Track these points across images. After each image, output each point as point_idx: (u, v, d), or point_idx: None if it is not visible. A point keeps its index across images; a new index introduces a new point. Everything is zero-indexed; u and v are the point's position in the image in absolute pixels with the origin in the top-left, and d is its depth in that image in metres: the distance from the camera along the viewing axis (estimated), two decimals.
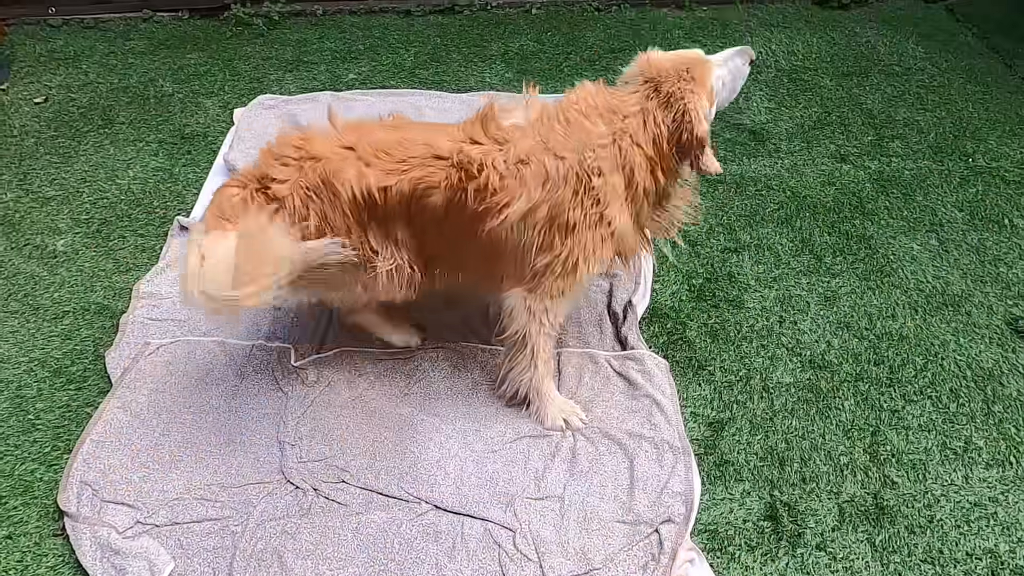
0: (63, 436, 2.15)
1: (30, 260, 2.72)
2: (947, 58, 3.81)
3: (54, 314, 2.52)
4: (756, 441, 2.12)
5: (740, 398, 2.24)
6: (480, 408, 2.21)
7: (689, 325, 2.45)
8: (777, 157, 3.18)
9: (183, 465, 2.06)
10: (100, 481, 2.00)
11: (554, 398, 2.16)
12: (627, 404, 2.19)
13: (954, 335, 2.42)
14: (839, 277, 2.62)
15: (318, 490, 2.00)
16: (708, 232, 2.80)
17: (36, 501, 2.00)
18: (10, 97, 3.58)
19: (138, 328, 2.44)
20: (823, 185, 3.03)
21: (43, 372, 2.33)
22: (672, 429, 2.11)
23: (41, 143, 3.29)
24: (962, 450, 2.10)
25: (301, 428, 2.15)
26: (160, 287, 2.57)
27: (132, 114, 3.48)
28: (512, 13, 4.28)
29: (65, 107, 3.52)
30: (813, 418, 2.18)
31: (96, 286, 2.62)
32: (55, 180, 3.10)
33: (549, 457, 2.07)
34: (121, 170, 3.14)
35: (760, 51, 3.88)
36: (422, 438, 2.12)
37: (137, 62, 3.85)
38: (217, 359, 2.34)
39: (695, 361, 2.34)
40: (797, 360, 2.34)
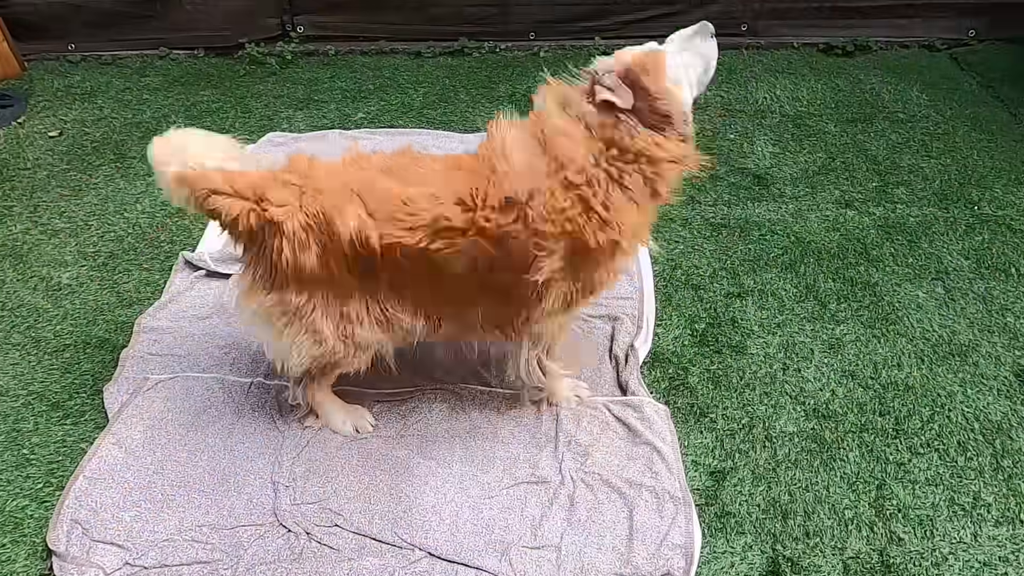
0: (56, 472, 2.13)
1: (35, 292, 2.74)
2: (951, 106, 3.83)
3: (55, 347, 2.52)
4: (758, 492, 2.08)
5: (742, 447, 2.20)
6: (477, 452, 2.18)
7: (691, 371, 2.43)
8: (781, 202, 3.18)
9: (175, 504, 2.03)
10: (91, 520, 1.98)
11: (563, 380, 2.24)
12: (627, 451, 2.16)
13: (961, 386, 2.38)
14: (844, 324, 2.60)
15: (311, 534, 1.97)
16: (711, 276, 2.79)
17: (25, 539, 1.97)
18: (26, 130, 3.65)
19: (138, 363, 2.44)
20: (827, 231, 3.02)
21: (41, 406, 2.32)
22: (673, 478, 2.07)
23: (53, 176, 3.35)
24: (971, 506, 2.04)
25: (296, 469, 2.12)
26: (162, 322, 2.58)
27: (144, 149, 3.51)
28: (520, 56, 4.36)
29: (79, 141, 3.58)
30: (817, 469, 2.14)
31: (99, 320, 2.63)
32: (64, 213, 3.13)
33: (547, 504, 2.03)
34: (130, 204, 3.18)
35: (765, 96, 3.93)
36: (418, 482, 2.09)
37: (151, 98, 3.93)
38: (215, 396, 2.33)
39: (697, 408, 2.31)
40: (801, 409, 2.31)
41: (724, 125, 3.70)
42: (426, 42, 4.40)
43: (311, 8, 4.32)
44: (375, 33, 4.40)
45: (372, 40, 4.42)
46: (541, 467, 2.13)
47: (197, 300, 2.67)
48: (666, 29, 4.82)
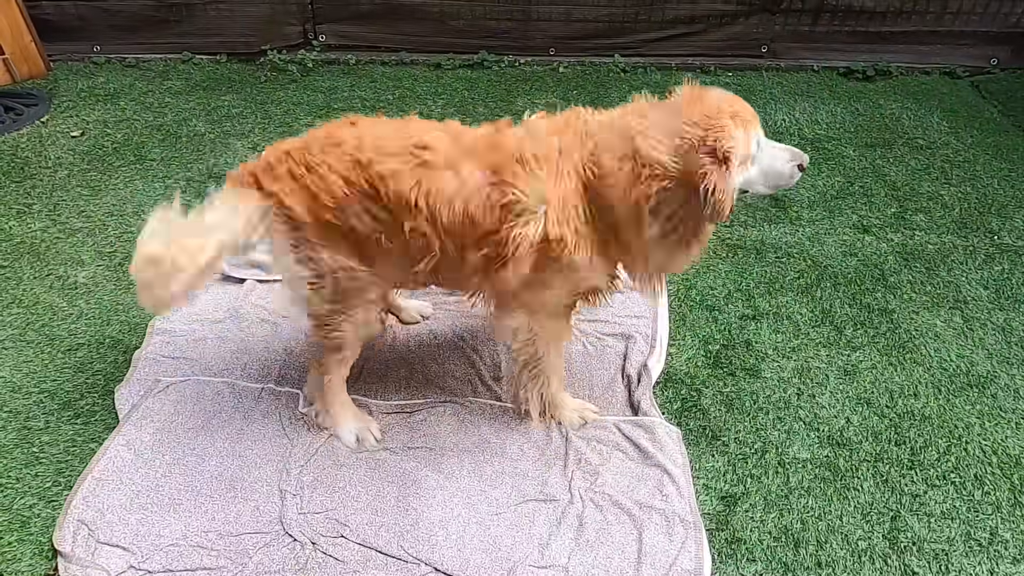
0: (65, 472, 2.13)
1: (51, 291, 2.76)
2: (972, 133, 3.81)
3: (69, 346, 2.53)
4: (770, 519, 2.05)
5: (755, 472, 2.17)
6: (486, 466, 2.16)
7: (704, 392, 2.40)
8: (798, 225, 3.16)
9: (182, 509, 2.03)
10: (97, 521, 1.97)
11: (568, 402, 2.25)
12: (637, 472, 2.13)
13: (979, 418, 2.34)
14: (859, 351, 2.56)
15: (316, 544, 1.95)
16: (726, 298, 2.77)
17: (31, 538, 1.97)
18: (48, 130, 3.69)
19: (150, 364, 2.44)
20: (844, 255, 3.00)
21: (52, 404, 2.33)
22: (684, 501, 2.04)
23: (73, 176, 3.37)
24: (987, 542, 2.00)
25: (303, 477, 2.11)
26: (176, 324, 2.58)
27: (164, 151, 3.57)
28: (540, 71, 4.37)
29: (100, 142, 3.62)
30: (831, 498, 2.10)
31: (113, 320, 2.64)
32: (83, 212, 3.16)
33: (555, 524, 2.01)
34: (148, 205, 3.20)
35: (784, 119, 3.92)
36: (425, 495, 2.07)
37: (173, 101, 3.97)
38: (225, 400, 2.33)
39: (709, 431, 2.28)
40: (815, 435, 2.28)
41: None
42: (446, 54, 4.43)
43: (334, 17, 4.36)
44: (396, 44, 4.43)
45: (393, 51, 4.45)
46: (550, 485, 2.11)
47: (211, 304, 2.68)
48: (686, 49, 4.84)
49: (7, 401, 2.33)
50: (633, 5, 4.27)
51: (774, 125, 3.86)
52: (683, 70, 4.39)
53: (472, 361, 2.49)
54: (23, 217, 3.12)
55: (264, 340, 2.54)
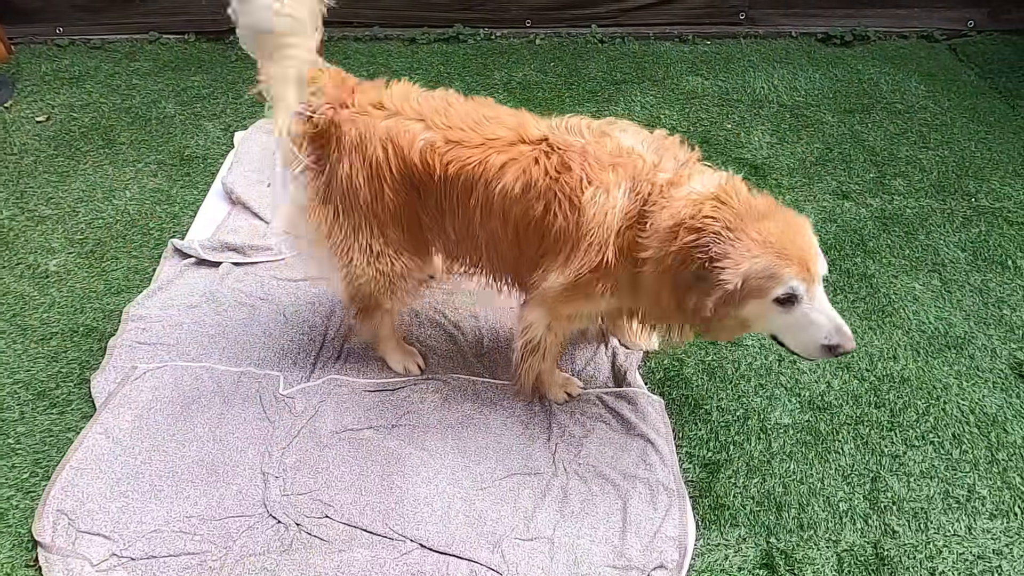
0: (42, 462, 2.10)
1: (21, 280, 2.70)
2: (950, 97, 3.81)
3: (42, 335, 2.48)
4: (753, 484, 2.06)
5: (737, 439, 2.18)
6: (470, 442, 2.16)
7: (686, 362, 2.41)
8: (778, 192, 3.15)
9: (163, 495, 2.01)
10: (77, 510, 1.95)
11: (555, 378, 2.24)
12: (621, 442, 2.14)
13: (957, 378, 2.37)
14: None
15: (300, 525, 1.95)
16: None
17: (10, 530, 1.94)
18: (12, 115, 3.59)
19: (126, 351, 2.40)
20: (824, 222, 3.00)
21: (26, 395, 2.29)
22: (667, 470, 2.05)
23: (40, 162, 3.29)
24: (965, 499, 2.03)
25: (286, 459, 2.10)
26: (151, 310, 2.54)
27: (133, 135, 3.48)
28: (516, 43, 4.30)
29: (67, 126, 3.52)
30: (812, 462, 2.12)
31: (86, 308, 2.59)
32: (52, 199, 3.08)
33: (539, 496, 2.01)
34: (119, 191, 3.13)
35: (762, 86, 3.89)
36: (410, 473, 2.07)
37: (141, 83, 3.87)
38: (204, 385, 2.30)
39: (691, 400, 2.29)
40: (796, 401, 2.29)
41: (721, 115, 3.67)
42: (420, 28, 4.34)
43: None
44: (369, 19, 4.33)
45: (366, 26, 4.35)
46: (534, 458, 2.11)
47: (186, 288, 2.64)
48: (663, 18, 4.76)
49: None
50: None
51: (753, 93, 3.84)
52: (661, 39, 4.33)
53: (454, 337, 2.47)
54: None
55: (242, 323, 2.51)
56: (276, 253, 2.77)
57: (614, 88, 3.87)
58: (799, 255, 1.67)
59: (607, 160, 1.81)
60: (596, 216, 1.79)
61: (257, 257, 2.76)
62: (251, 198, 2.99)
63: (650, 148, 1.85)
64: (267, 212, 2.94)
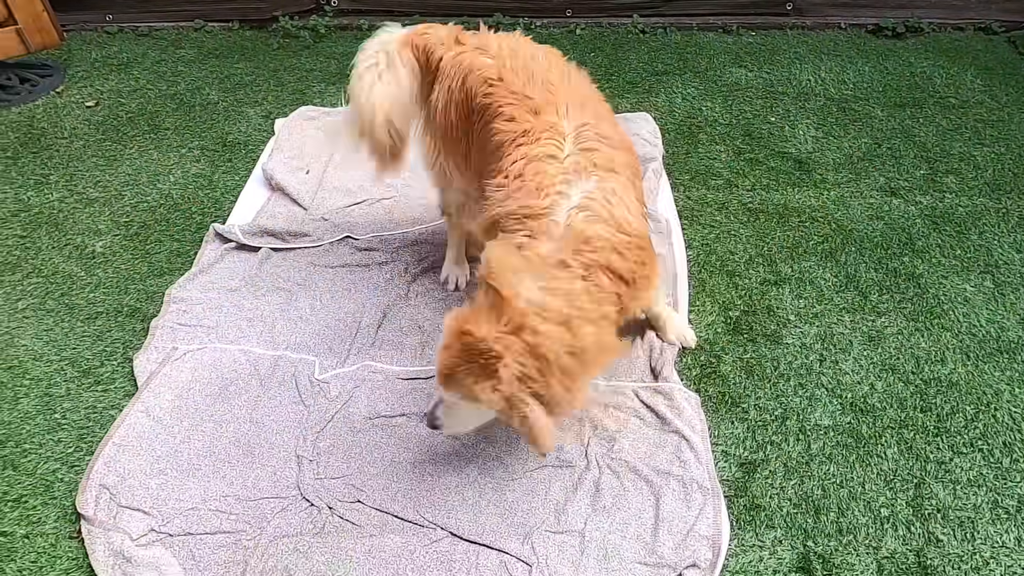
0: (86, 437, 2.16)
1: (69, 260, 2.77)
2: (1008, 92, 3.65)
3: (88, 314, 2.55)
4: (790, 486, 2.01)
5: (775, 439, 2.13)
6: (500, 432, 2.15)
7: (724, 359, 2.36)
8: (823, 188, 3.07)
9: (201, 474, 2.05)
10: (118, 485, 2.00)
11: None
12: (655, 438, 2.11)
13: (1008, 384, 2.27)
14: (885, 316, 2.50)
15: (333, 509, 1.96)
16: (747, 263, 2.71)
17: (55, 502, 2.00)
18: (63, 100, 3.68)
19: (167, 333, 2.45)
20: (871, 219, 2.91)
21: (73, 372, 2.35)
22: (702, 468, 2.02)
23: (89, 146, 3.37)
24: (1015, 510, 1.95)
25: (320, 443, 2.12)
26: (192, 292, 2.58)
27: (178, 120, 3.55)
28: (556, 33, 4.26)
29: (115, 112, 3.61)
30: (852, 465, 2.06)
31: (130, 288, 2.65)
32: (99, 182, 3.16)
33: (571, 489, 2.00)
34: (163, 175, 3.20)
35: (809, 79, 3.79)
36: (441, 461, 2.07)
37: (186, 70, 3.94)
38: (242, 367, 2.33)
39: (728, 397, 2.24)
40: (837, 402, 2.23)
41: (765, 108, 3.58)
42: (460, 17, 4.31)
43: None
44: (409, 7, 4.34)
45: (406, 14, 4.35)
46: (565, 451, 2.10)
47: (226, 272, 2.68)
48: (706, 8, 4.68)
49: (29, 369, 2.36)
50: None
51: (798, 85, 3.74)
52: (704, 30, 4.25)
53: None
54: (40, 188, 3.13)
55: (279, 308, 2.54)
56: (314, 240, 2.80)
57: (655, 79, 3.80)
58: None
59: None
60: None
61: (295, 243, 2.78)
62: (290, 184, 3.02)
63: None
64: (305, 199, 2.97)
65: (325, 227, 2.85)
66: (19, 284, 2.67)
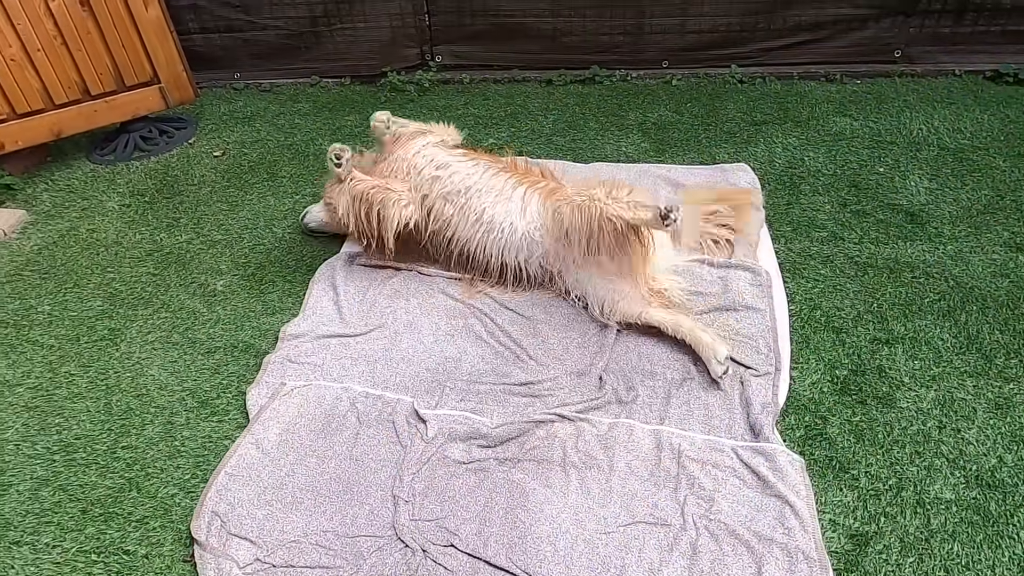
0: (202, 465, 2.30)
1: (194, 297, 3.00)
2: None
3: (207, 348, 2.74)
4: (908, 564, 1.87)
5: (889, 511, 1.99)
6: (593, 484, 2.12)
7: (830, 420, 2.24)
8: (939, 242, 2.90)
9: (303, 508, 2.13)
10: (229, 514, 2.11)
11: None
12: (756, 501, 2.02)
13: None
14: (1014, 383, 2.31)
15: (427, 551, 1.99)
16: (855, 319, 2.59)
17: (172, 525, 2.13)
18: (195, 150, 4.05)
19: (278, 368, 2.59)
20: (994, 276, 2.72)
21: (192, 402, 2.53)
22: (808, 536, 1.91)
23: (215, 192, 3.68)
24: None
25: (416, 484, 2.16)
26: (303, 329, 2.73)
27: (293, 169, 3.81)
28: (652, 84, 4.31)
29: (238, 161, 3.92)
30: (980, 545, 1.89)
31: (246, 325, 2.83)
32: (222, 225, 3.43)
33: (666, 549, 1.94)
34: (278, 220, 3.43)
35: (920, 128, 3.63)
36: (533, 508, 2.06)
37: (302, 122, 4.24)
38: (343, 405, 2.43)
39: (836, 462, 2.13)
40: (960, 474, 2.06)
41: (872, 158, 3.45)
42: (557, 70, 4.46)
43: (450, 38, 4.52)
44: (508, 62, 4.52)
45: (505, 68, 4.54)
46: (661, 508, 2.04)
47: (335, 313, 2.82)
48: (808, 57, 4.60)
49: (155, 397, 2.55)
50: (751, 14, 4.13)
51: (909, 134, 3.59)
52: (806, 79, 4.18)
53: (603, 382, 2.46)
54: (172, 230, 3.43)
55: (383, 348, 2.64)
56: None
57: (753, 129, 3.76)
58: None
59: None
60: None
61: (403, 264, 2.97)
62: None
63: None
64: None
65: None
66: (150, 318, 2.91)
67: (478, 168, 2.82)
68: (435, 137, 2.94)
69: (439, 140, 2.93)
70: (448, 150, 2.91)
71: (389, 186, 2.78)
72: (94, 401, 2.54)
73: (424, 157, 2.85)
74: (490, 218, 2.72)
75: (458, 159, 2.86)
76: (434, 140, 2.92)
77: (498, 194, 2.74)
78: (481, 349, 2.60)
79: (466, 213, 2.75)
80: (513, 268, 2.76)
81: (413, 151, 2.87)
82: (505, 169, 2.84)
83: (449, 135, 2.97)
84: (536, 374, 2.49)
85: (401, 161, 2.86)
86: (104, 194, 3.72)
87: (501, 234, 2.72)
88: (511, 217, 2.71)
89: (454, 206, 2.77)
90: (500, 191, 2.75)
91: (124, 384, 2.61)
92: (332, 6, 4.44)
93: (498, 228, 2.72)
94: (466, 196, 2.75)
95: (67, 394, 2.58)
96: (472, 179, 2.78)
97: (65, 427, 2.45)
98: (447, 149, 2.91)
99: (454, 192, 2.77)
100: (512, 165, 2.89)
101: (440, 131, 2.96)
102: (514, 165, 2.90)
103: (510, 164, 2.90)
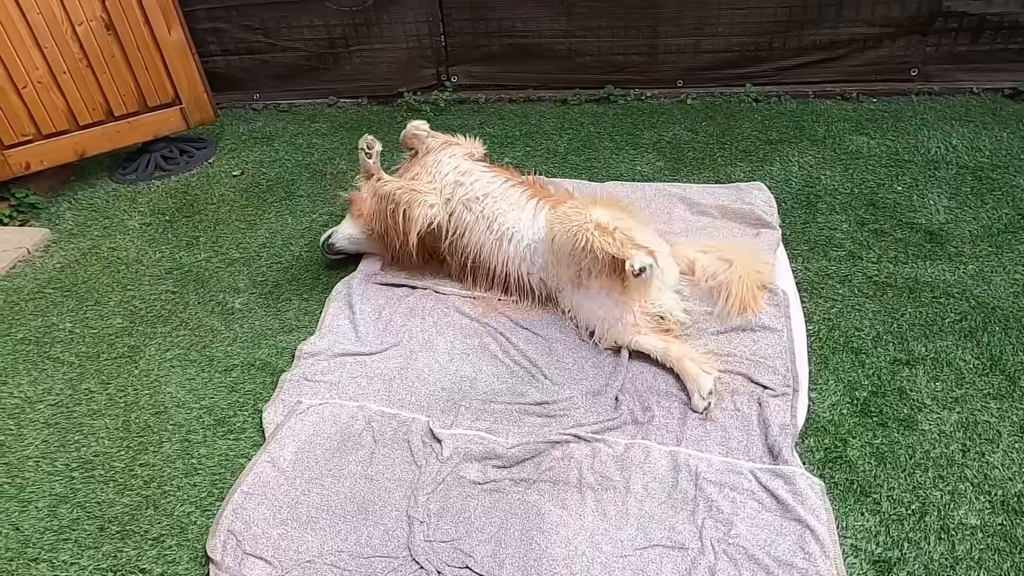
0: (218, 483, 2.31)
1: (212, 315, 3.03)
2: None
3: (225, 366, 2.76)
4: None
5: (912, 536, 1.95)
6: (609, 506, 2.10)
7: (850, 443, 2.21)
8: (959, 262, 2.87)
9: (318, 527, 2.13)
10: (244, 532, 2.11)
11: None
12: (776, 525, 1.99)
13: None
14: None
15: (441, 573, 1.97)
16: (875, 340, 2.56)
17: (188, 543, 2.14)
18: (214, 170, 4.11)
19: (294, 386, 2.60)
20: (1016, 296, 2.68)
21: (209, 419, 2.54)
22: (829, 562, 1.87)
23: (234, 211, 3.72)
24: None
25: (431, 505, 2.15)
26: (319, 347, 2.75)
27: (310, 188, 3.86)
28: (667, 103, 4.32)
29: (256, 180, 3.98)
30: (1007, 573, 1.85)
31: (262, 343, 2.85)
32: (241, 244, 3.47)
33: (684, 574, 1.91)
34: (296, 238, 3.46)
35: (938, 146, 3.61)
36: (549, 530, 2.05)
37: (319, 142, 4.30)
38: (358, 424, 2.43)
39: (857, 486, 2.09)
40: (985, 499, 2.02)
41: (890, 176, 3.43)
42: (572, 90, 4.49)
43: (465, 59, 4.57)
44: (523, 82, 4.56)
45: (520, 88, 4.58)
46: (678, 531, 2.02)
47: (351, 332, 2.83)
48: (824, 75, 4.61)
49: (173, 415, 2.57)
50: (766, 33, 4.14)
51: (927, 153, 3.57)
52: (822, 97, 4.17)
53: (620, 402, 2.45)
54: (191, 248, 3.47)
55: (398, 367, 2.64)
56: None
57: (769, 148, 3.75)
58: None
59: None
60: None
61: (421, 283, 3.01)
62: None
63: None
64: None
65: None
66: (169, 335, 2.94)
67: (498, 179, 2.91)
68: (461, 149, 3.04)
69: (466, 152, 3.03)
70: (472, 162, 3.00)
71: (415, 187, 2.85)
72: (113, 418, 2.57)
73: (449, 164, 2.95)
74: (501, 225, 2.79)
75: (481, 168, 2.96)
76: (461, 152, 3.02)
77: (513, 203, 2.81)
78: (496, 368, 2.60)
79: (482, 219, 2.81)
80: (516, 279, 2.81)
81: (440, 159, 2.98)
82: (524, 183, 2.91)
83: (475, 148, 3.08)
84: (552, 394, 2.48)
85: (428, 166, 2.96)
86: (125, 213, 3.78)
87: (508, 243, 2.78)
88: (520, 227, 2.77)
89: (473, 212, 2.83)
90: (515, 201, 2.82)
91: (143, 401, 2.63)
92: (350, 28, 4.51)
93: (507, 236, 2.78)
94: (483, 202, 2.82)
95: (86, 411, 2.61)
96: (491, 187, 2.87)
97: (84, 444, 2.48)
98: (471, 160, 3.01)
99: (474, 198, 2.84)
100: (531, 182, 2.95)
101: (466, 144, 3.08)
102: (533, 182, 2.95)
103: (529, 181, 2.95)
